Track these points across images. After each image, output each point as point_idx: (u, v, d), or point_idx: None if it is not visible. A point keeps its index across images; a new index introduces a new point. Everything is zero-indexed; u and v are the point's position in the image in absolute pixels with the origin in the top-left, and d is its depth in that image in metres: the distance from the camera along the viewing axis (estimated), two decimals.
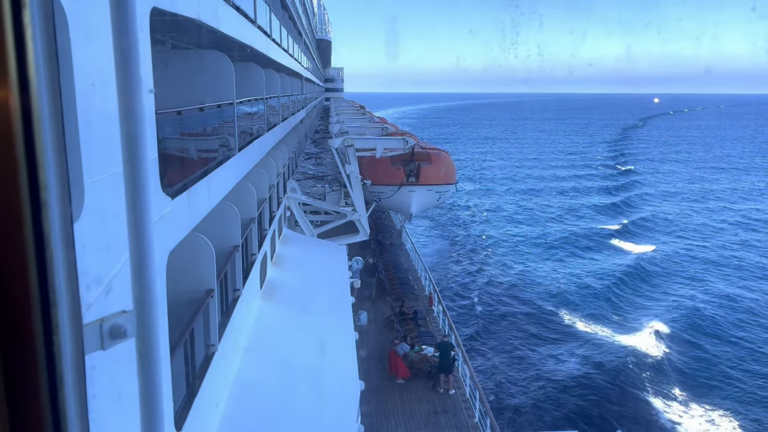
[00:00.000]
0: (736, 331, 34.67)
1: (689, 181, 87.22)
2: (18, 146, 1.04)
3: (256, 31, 13.41)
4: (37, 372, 1.07)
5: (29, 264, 1.06)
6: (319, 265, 18.79)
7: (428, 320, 23.72)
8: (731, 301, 39.15)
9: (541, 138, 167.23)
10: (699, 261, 48.38)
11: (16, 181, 1.04)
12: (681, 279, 43.97)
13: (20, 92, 1.03)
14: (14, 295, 1.06)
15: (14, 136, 1.04)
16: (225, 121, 10.30)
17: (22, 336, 1.06)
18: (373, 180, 26.42)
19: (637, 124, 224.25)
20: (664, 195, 75.89)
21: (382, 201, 27.21)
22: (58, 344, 1.10)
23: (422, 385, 18.91)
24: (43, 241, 1.07)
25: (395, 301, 24.54)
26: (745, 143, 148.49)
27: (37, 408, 1.07)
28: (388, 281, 26.98)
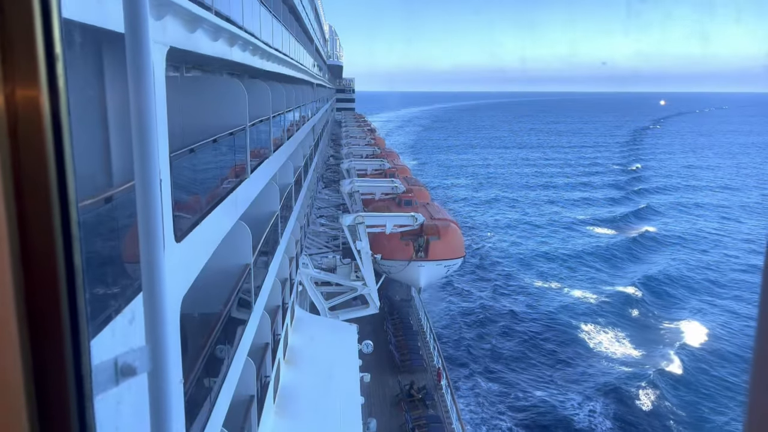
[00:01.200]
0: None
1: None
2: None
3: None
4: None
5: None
6: (330, 361, 19.29)
7: (436, 399, 24.12)
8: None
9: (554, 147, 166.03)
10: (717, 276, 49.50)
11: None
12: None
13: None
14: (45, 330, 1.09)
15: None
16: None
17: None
18: (383, 255, 27.01)
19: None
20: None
21: (391, 274, 27.76)
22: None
23: None
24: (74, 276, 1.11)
25: (405, 377, 24.99)
26: None
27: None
28: (398, 351, 27.44)
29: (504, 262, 53.48)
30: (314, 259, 27.53)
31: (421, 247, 26.91)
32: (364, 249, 25.66)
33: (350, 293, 26.31)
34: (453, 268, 28.07)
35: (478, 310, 41.22)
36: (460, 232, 29.23)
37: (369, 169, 48.93)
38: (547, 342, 37.16)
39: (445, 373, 25.35)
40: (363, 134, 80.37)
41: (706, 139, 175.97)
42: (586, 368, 33.68)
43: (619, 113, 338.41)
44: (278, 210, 16.76)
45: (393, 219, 26.26)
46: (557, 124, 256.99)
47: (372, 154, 60.63)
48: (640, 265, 53.18)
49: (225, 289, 10.50)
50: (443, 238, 27.29)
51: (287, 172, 21.11)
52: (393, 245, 26.99)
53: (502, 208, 79.98)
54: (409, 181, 43.73)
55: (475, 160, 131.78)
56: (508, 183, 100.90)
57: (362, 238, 25.62)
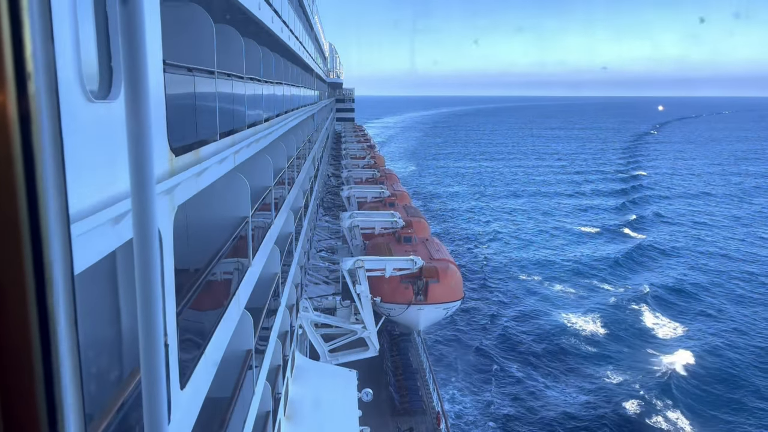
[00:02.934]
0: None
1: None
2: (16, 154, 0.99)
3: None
4: None
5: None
6: (330, 415, 19.47)
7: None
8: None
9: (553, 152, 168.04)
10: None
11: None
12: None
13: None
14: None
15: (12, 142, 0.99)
16: None
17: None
18: (382, 297, 27.25)
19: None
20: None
21: (391, 316, 28.01)
22: None
23: None
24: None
25: (404, 421, 25.15)
26: None
27: None
28: (398, 393, 27.60)
29: (501, 271, 54.18)
30: (314, 301, 27.77)
31: (421, 290, 27.19)
32: (363, 292, 25.91)
33: (350, 336, 26.52)
34: (452, 310, 28.36)
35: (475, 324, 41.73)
36: (459, 274, 29.52)
37: (369, 197, 49.31)
38: (542, 356, 37.75)
39: (444, 417, 25.50)
40: (363, 152, 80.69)
41: (693, 147, 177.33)
42: (595, 395, 33.87)
43: (619, 119, 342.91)
44: (279, 271, 17.03)
45: (392, 263, 26.54)
46: (559, 130, 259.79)
47: (372, 178, 60.99)
48: (646, 275, 53.88)
49: (229, 377, 10.73)
50: (442, 281, 27.57)
51: (288, 223, 21.35)
52: (392, 288, 27.27)
53: (497, 215, 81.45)
54: (409, 210, 44.03)
55: (472, 167, 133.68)
56: (502, 190, 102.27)
57: (362, 282, 25.88)
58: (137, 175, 1.87)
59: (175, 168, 6.03)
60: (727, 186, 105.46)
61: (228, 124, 9.37)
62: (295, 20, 25.60)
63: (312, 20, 42.74)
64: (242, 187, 10.96)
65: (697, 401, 33.92)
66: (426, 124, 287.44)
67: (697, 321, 44.50)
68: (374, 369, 29.41)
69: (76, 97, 3.77)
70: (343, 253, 40.16)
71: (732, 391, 34.99)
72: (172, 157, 5.97)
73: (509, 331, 42.47)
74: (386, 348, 33.31)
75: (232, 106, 9.92)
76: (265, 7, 14.09)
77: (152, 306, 1.60)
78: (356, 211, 39.69)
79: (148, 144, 1.66)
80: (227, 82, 9.33)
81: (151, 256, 2.41)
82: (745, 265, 58.07)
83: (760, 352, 39.56)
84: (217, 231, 10.45)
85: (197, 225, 10.28)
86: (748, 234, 70.12)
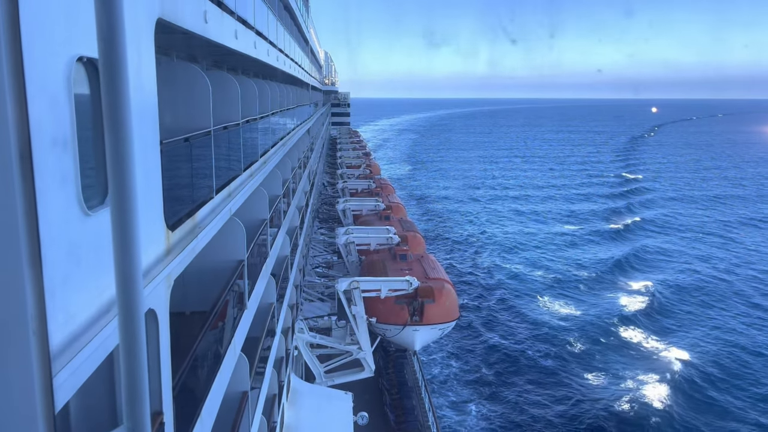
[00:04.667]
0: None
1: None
2: None
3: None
4: None
5: None
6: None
7: None
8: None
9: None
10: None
11: None
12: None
13: None
14: None
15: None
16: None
17: None
18: (378, 318, 27.27)
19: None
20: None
21: (387, 337, 28.05)
22: None
23: None
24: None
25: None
26: None
27: None
28: (393, 413, 27.59)
29: (495, 279, 54.36)
30: (309, 321, 27.75)
31: (416, 311, 27.24)
32: (359, 314, 25.91)
33: (346, 356, 26.51)
34: (447, 330, 28.44)
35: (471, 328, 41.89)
36: (455, 293, 29.58)
37: (364, 210, 49.34)
38: (533, 360, 37.88)
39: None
40: (358, 160, 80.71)
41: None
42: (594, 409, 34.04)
43: (615, 121, 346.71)
44: (274, 301, 17.03)
45: (388, 284, 26.55)
46: (554, 132, 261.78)
47: (367, 189, 61.02)
48: (643, 282, 54.38)
49: (224, 418, 10.72)
50: (438, 301, 27.62)
51: (284, 247, 21.33)
52: (388, 308, 27.29)
53: (489, 218, 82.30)
54: (404, 225, 44.06)
55: (466, 169, 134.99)
56: (495, 193, 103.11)
57: (357, 303, 25.88)
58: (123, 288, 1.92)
59: (171, 245, 6.05)
60: (722, 188, 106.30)
61: (225, 176, 9.40)
62: (291, 43, 25.65)
63: (307, 35, 42.88)
64: (238, 231, 10.97)
65: (690, 406, 34.66)
66: (423, 126, 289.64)
67: (689, 327, 45.03)
68: (370, 387, 29.43)
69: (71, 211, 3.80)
70: (339, 268, 40.16)
71: (726, 392, 35.73)
72: (168, 234, 5.99)
73: (504, 342, 42.70)
74: (381, 365, 33.31)
75: (228, 155, 9.95)
76: (261, 43, 14.13)
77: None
78: (351, 227, 39.71)
79: (136, 247, 1.71)
80: (223, 134, 9.36)
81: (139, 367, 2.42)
82: (743, 268, 58.79)
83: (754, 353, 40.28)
84: (211, 274, 10.47)
85: (191, 271, 10.30)
86: (744, 237, 70.75)
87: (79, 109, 3.77)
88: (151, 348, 5.68)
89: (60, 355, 3.44)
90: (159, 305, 5.72)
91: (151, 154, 5.44)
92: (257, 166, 13.05)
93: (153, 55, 5.41)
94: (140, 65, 5.07)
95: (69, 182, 3.68)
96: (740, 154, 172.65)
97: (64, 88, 3.59)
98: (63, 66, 3.58)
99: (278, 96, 19.84)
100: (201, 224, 7.27)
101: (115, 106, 2.23)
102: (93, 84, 4.02)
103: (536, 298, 52.34)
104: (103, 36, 2.18)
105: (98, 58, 2.20)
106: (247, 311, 11.31)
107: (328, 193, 72.58)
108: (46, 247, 3.35)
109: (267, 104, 15.84)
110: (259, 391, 13.87)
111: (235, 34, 10.38)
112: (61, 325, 3.50)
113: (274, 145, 17.53)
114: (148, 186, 5.24)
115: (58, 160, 3.52)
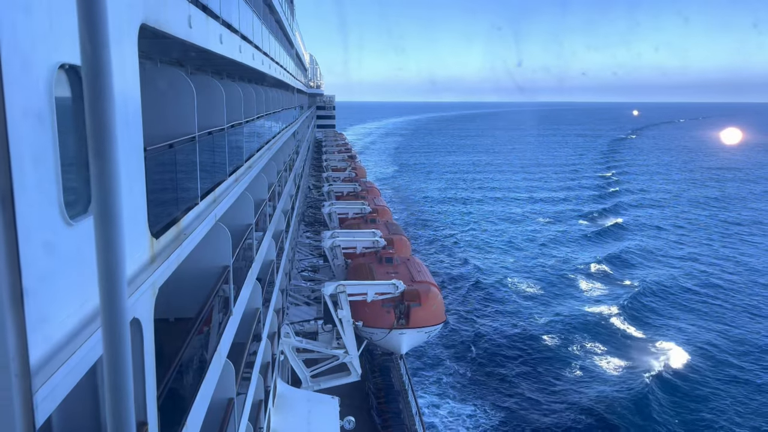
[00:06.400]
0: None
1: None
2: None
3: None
4: None
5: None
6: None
7: None
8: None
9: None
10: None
11: None
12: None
13: None
14: None
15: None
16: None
17: None
18: (364, 321, 27.21)
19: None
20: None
21: (373, 340, 27.99)
22: None
23: None
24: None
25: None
26: None
27: None
28: (380, 417, 27.51)
29: (480, 280, 54.63)
30: (295, 326, 27.61)
31: (403, 314, 27.22)
32: (345, 317, 25.83)
33: (332, 360, 26.41)
34: (433, 333, 28.45)
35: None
36: (441, 297, 29.60)
37: (350, 213, 49.27)
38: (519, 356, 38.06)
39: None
40: (344, 163, 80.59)
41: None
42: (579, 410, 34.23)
43: (596, 124, 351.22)
44: (260, 306, 16.91)
45: (374, 287, 26.50)
46: (537, 136, 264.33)
47: (353, 192, 60.95)
48: (627, 283, 54.84)
49: (209, 425, 10.60)
50: (424, 305, 27.62)
51: (270, 251, 21.20)
52: (374, 312, 27.25)
53: (474, 220, 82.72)
54: (390, 228, 44.05)
55: (452, 172, 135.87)
56: (478, 195, 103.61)
57: (343, 307, 25.81)
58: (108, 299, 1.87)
59: (155, 253, 5.97)
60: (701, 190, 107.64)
61: (209, 181, 9.31)
62: (276, 46, 25.55)
63: (292, 38, 42.76)
64: (223, 237, 10.86)
65: (678, 404, 35.17)
66: (408, 129, 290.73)
67: (674, 327, 45.55)
68: (356, 391, 29.34)
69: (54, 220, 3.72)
70: (325, 272, 40.03)
71: (714, 394, 36.23)
72: (152, 242, 5.90)
73: (490, 345, 42.85)
74: (368, 369, 33.23)
75: (213, 160, 9.86)
76: (246, 47, 14.05)
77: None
78: (337, 230, 39.63)
79: (120, 255, 1.67)
80: (208, 139, 9.27)
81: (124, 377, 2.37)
82: (731, 269, 59.69)
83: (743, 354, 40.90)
84: (196, 280, 10.35)
85: (175, 277, 10.19)
86: (728, 238, 71.70)
87: (61, 117, 3.70)
88: (135, 357, 5.59)
89: (40, 370, 3.36)
90: (143, 314, 5.64)
91: (134, 161, 5.36)
92: (243, 170, 12.95)
93: (136, 60, 5.34)
94: (124, 71, 5.00)
95: (50, 191, 3.61)
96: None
97: (45, 96, 3.52)
98: (44, 73, 3.51)
99: (264, 99, 19.73)
100: (186, 231, 7.19)
101: (99, 113, 2.17)
102: (75, 91, 3.94)
103: (522, 299, 52.65)
104: (86, 42, 2.12)
105: (81, 64, 2.14)
106: (232, 317, 11.21)
107: (313, 196, 72.34)
108: (25, 258, 3.27)
109: (252, 108, 15.75)
110: (245, 397, 13.75)
111: (220, 38, 10.31)
112: (41, 340, 3.42)
113: (259, 149, 17.43)
114: (131, 194, 5.17)
115: (38, 169, 3.45)
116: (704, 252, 67.48)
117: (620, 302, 50.56)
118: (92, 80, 2.12)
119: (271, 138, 21.95)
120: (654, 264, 62.82)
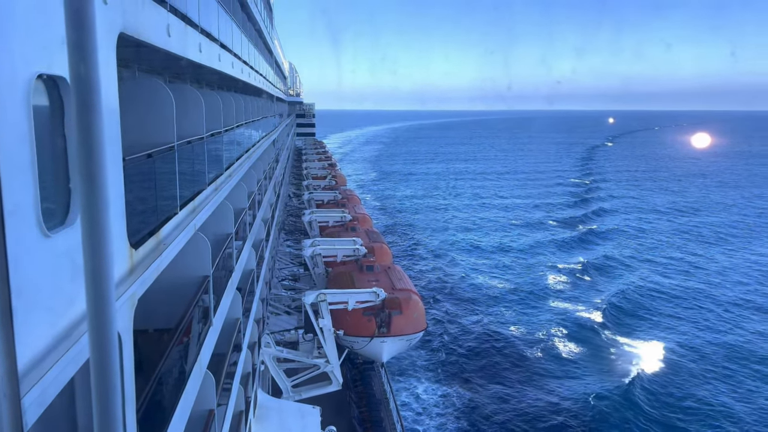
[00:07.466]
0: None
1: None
2: None
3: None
4: None
5: None
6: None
7: None
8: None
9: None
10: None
11: None
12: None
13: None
14: None
15: None
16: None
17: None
18: (345, 330, 27.13)
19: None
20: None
21: (354, 349, 27.92)
22: None
23: None
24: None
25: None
26: None
27: None
28: (361, 426, 27.42)
29: (460, 287, 54.85)
30: (276, 335, 27.43)
31: (384, 323, 27.20)
32: (326, 326, 25.73)
33: (313, 370, 26.26)
34: (414, 341, 28.47)
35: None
36: (422, 304, 29.65)
37: (331, 221, 49.21)
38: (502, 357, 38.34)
39: None
40: (324, 171, 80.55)
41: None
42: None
43: (574, 131, 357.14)
44: (240, 316, 16.79)
45: (355, 296, 26.45)
46: (515, 143, 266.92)
47: (333, 200, 60.90)
48: (609, 288, 55.55)
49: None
50: (405, 312, 27.64)
51: (250, 261, 21.07)
52: (355, 321, 27.19)
53: (455, 226, 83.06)
54: (371, 236, 44.05)
55: (430, 178, 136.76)
56: (458, 202, 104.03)
57: (324, 316, 25.71)
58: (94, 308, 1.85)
59: (135, 263, 5.92)
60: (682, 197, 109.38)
61: (189, 190, 9.25)
62: (256, 55, 25.51)
63: (271, 46, 42.75)
64: (203, 247, 10.79)
65: (660, 406, 35.59)
66: (388, 137, 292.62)
67: (656, 329, 46.27)
68: (338, 400, 29.20)
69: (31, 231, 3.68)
70: (306, 281, 39.87)
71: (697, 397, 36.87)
72: (131, 252, 5.85)
73: (472, 351, 42.98)
74: (349, 378, 33.11)
75: (192, 169, 9.80)
76: (226, 56, 14.01)
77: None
78: (318, 238, 39.53)
79: (107, 264, 1.67)
80: (187, 148, 9.22)
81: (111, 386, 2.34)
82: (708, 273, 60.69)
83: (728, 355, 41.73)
84: (176, 290, 10.25)
85: (154, 287, 10.09)
86: (707, 243, 72.90)
87: (39, 128, 3.66)
88: None
89: (24, 378, 3.32)
90: (123, 326, 5.58)
91: (113, 171, 5.32)
92: (222, 179, 12.89)
93: (115, 70, 5.31)
94: (103, 81, 4.97)
95: (28, 203, 3.57)
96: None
97: (23, 107, 3.49)
98: (22, 84, 3.48)
99: (243, 108, 19.67)
100: (165, 241, 7.13)
101: (84, 124, 2.16)
102: (53, 102, 3.91)
103: (503, 305, 52.97)
104: (70, 52, 2.12)
105: (69, 75, 2.14)
106: (212, 327, 11.12)
107: (293, 204, 72.12)
108: (8, 270, 3.24)
109: (232, 116, 15.69)
110: (226, 408, 13.62)
111: (199, 47, 10.27)
112: (22, 353, 3.37)
113: (239, 158, 17.36)
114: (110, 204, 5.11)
115: (15, 181, 3.41)
116: (679, 255, 68.82)
117: (598, 305, 51.30)
118: (80, 90, 2.11)
119: (250, 146, 21.87)
120: (630, 267, 63.81)
